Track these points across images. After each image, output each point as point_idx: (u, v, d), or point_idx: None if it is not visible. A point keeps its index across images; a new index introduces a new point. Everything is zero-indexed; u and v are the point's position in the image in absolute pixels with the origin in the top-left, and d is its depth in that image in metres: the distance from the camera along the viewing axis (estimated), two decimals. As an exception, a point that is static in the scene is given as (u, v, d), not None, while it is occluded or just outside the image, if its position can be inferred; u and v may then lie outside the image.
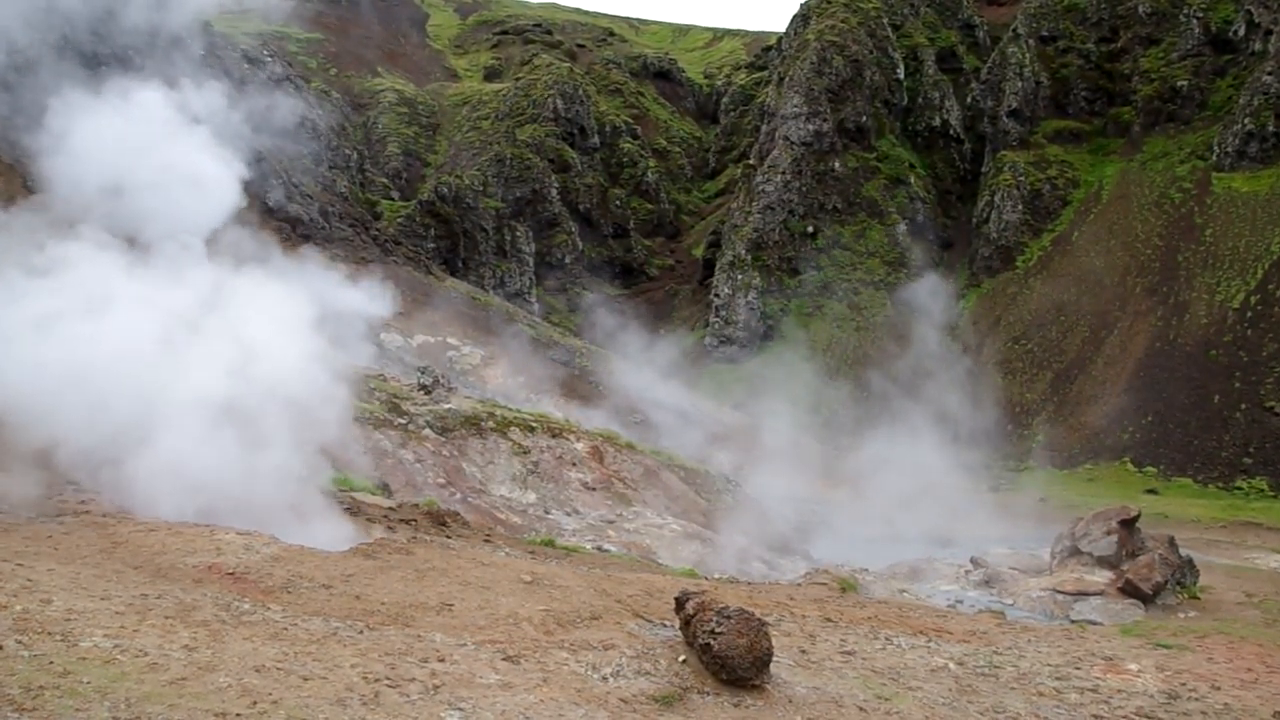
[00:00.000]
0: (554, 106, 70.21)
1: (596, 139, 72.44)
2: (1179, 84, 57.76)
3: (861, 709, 7.50)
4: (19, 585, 7.09)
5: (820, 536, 24.94)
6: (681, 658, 7.70)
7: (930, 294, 57.45)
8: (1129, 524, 16.82)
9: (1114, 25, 62.86)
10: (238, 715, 5.41)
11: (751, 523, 22.54)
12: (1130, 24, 62.04)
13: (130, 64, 24.98)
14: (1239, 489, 37.89)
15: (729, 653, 7.24)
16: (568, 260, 64.84)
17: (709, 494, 23.68)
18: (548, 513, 19.19)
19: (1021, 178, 59.42)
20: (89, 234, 12.12)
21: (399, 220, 56.78)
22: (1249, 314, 44.64)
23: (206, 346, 11.53)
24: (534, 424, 22.44)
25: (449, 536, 12.67)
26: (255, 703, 5.60)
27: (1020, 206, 58.50)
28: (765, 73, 77.93)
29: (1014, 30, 65.45)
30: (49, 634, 6.17)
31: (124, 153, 13.57)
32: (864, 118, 63.35)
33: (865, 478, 31.76)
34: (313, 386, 12.28)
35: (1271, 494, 36.90)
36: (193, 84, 17.57)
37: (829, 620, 10.65)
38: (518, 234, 62.02)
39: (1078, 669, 9.47)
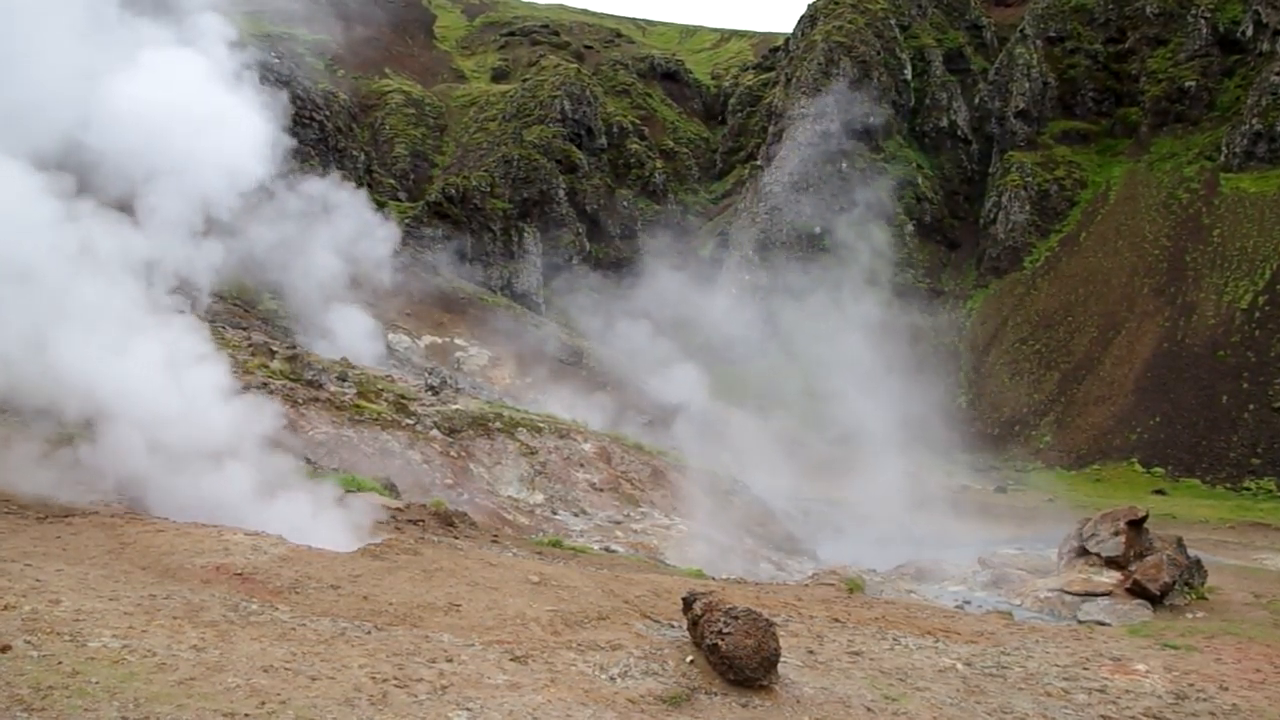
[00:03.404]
0: (561, 107, 70.16)
1: (604, 140, 72.38)
2: (1186, 84, 57.64)
3: (869, 709, 7.49)
4: (28, 585, 7.12)
5: (827, 537, 24.93)
6: (689, 658, 7.70)
7: (937, 294, 57.43)
8: (1137, 524, 16.72)
9: (1121, 26, 62.72)
10: (246, 715, 5.42)
11: (759, 523, 22.52)
12: (1138, 24, 61.89)
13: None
14: (1247, 489, 37.76)
15: (737, 653, 7.24)
16: (575, 261, 64.79)
17: (716, 494, 23.65)
18: (555, 513, 19.19)
19: (1029, 178, 59.31)
20: None
21: (406, 221, 56.78)
22: (1257, 314, 44.49)
23: None
24: (541, 425, 22.45)
25: (456, 537, 12.68)
26: (263, 703, 5.61)
27: (1027, 207, 58.41)
28: (772, 73, 77.80)
29: (1021, 31, 65.36)
30: (58, 634, 6.19)
31: None
32: (871, 118, 63.26)
33: (872, 478, 31.70)
34: None
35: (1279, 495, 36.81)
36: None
37: (836, 621, 10.64)
38: (525, 235, 61.97)
39: (1085, 669, 9.45)
